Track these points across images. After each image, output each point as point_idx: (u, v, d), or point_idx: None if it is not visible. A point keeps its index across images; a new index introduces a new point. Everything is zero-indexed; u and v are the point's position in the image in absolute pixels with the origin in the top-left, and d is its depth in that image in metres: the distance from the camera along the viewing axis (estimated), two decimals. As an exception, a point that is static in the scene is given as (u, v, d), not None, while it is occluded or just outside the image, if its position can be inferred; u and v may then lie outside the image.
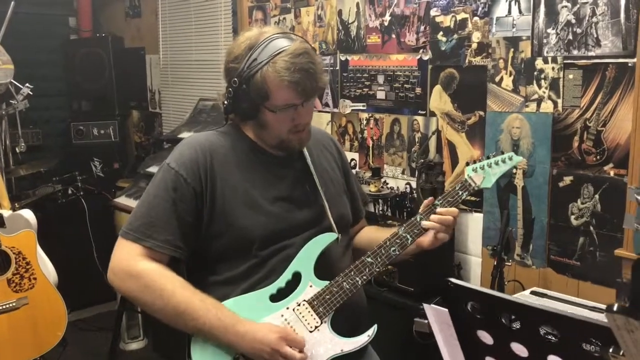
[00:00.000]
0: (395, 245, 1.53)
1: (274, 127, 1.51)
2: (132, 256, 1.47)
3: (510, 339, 0.76)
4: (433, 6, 2.68)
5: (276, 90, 1.44)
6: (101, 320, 4.16)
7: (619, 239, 2.18)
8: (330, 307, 1.51)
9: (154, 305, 1.45)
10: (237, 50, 1.49)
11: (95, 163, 4.51)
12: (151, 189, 1.53)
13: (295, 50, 1.44)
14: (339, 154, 1.79)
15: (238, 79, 1.46)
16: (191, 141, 1.56)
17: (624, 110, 2.13)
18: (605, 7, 2.13)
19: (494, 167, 1.62)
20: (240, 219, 1.50)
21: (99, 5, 4.89)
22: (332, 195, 1.66)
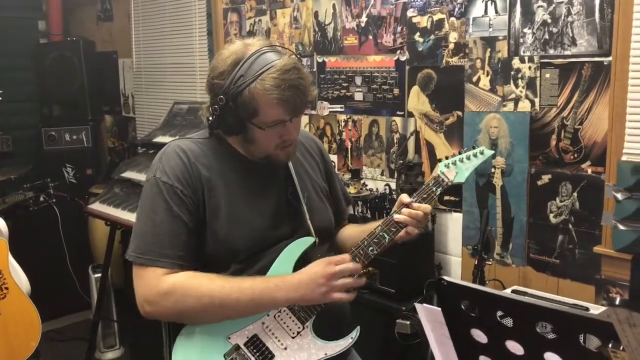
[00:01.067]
0: (373, 245, 1.51)
1: (261, 143, 1.49)
2: (154, 279, 1.43)
3: (505, 337, 0.74)
4: (410, 7, 2.68)
5: (265, 108, 1.41)
6: (75, 330, 4.06)
7: (598, 236, 2.20)
8: (311, 311, 1.49)
9: (202, 306, 1.42)
10: (222, 65, 1.44)
11: (68, 169, 4.41)
12: (149, 206, 1.47)
13: (284, 67, 1.41)
14: (321, 156, 1.78)
15: (224, 96, 1.41)
16: (174, 151, 1.50)
17: (600, 109, 2.15)
18: (580, 6, 2.15)
19: (465, 161, 1.62)
20: (225, 231, 1.48)
21: (69, 9, 4.80)
22: (314, 202, 1.64)
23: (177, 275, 1.44)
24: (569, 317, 0.64)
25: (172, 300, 1.42)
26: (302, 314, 1.49)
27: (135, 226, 1.50)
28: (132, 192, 3.27)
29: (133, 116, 4.47)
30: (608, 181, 2.14)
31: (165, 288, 1.43)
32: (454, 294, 0.75)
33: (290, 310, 1.49)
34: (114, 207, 3.24)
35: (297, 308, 1.49)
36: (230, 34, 3.60)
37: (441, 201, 2.67)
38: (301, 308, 1.49)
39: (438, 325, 0.79)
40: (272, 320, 1.49)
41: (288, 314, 1.49)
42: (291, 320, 1.49)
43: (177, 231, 1.45)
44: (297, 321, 1.49)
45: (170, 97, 3.88)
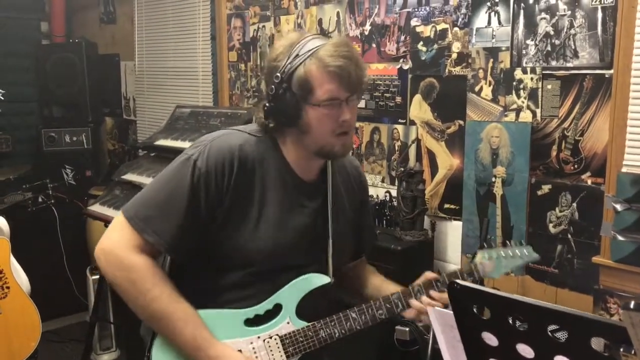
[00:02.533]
0: (382, 309, 1.49)
1: (317, 128, 1.43)
2: (129, 245, 1.42)
3: (517, 340, 0.76)
4: (413, 16, 2.71)
5: (320, 82, 1.39)
6: (72, 332, 4.06)
7: (596, 247, 2.23)
8: (299, 349, 1.48)
9: (135, 300, 1.42)
10: (278, 49, 1.44)
11: (67, 171, 4.42)
12: (170, 182, 1.44)
13: (337, 42, 1.42)
14: (360, 185, 1.72)
15: (280, 74, 1.40)
16: (224, 142, 1.46)
17: (601, 120, 2.18)
18: (582, 19, 2.18)
19: (508, 259, 1.54)
20: (246, 239, 1.45)
21: (73, 11, 4.82)
22: (340, 233, 1.59)
23: (145, 260, 1.42)
24: (582, 320, 0.66)
25: (121, 275, 1.42)
26: (290, 349, 1.48)
27: (149, 189, 1.47)
28: (132, 195, 3.25)
29: (134, 119, 4.48)
30: (608, 192, 2.17)
31: (127, 262, 1.41)
32: (466, 297, 0.77)
33: (281, 341, 1.48)
34: (114, 209, 3.24)
35: (288, 342, 1.48)
36: (234, 39, 3.62)
37: (441, 209, 2.69)
38: (292, 343, 1.48)
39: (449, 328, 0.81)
40: (261, 344, 1.47)
41: (277, 343, 1.48)
42: (278, 350, 1.48)
43: (183, 218, 1.42)
44: (284, 354, 1.48)
45: (172, 101, 3.89)
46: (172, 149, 3.24)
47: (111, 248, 1.44)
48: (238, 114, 3.17)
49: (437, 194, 2.70)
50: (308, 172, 1.54)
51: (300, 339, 1.48)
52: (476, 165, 2.55)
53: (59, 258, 4.10)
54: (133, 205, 1.46)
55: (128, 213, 1.44)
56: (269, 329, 1.48)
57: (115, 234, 1.45)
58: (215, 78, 3.75)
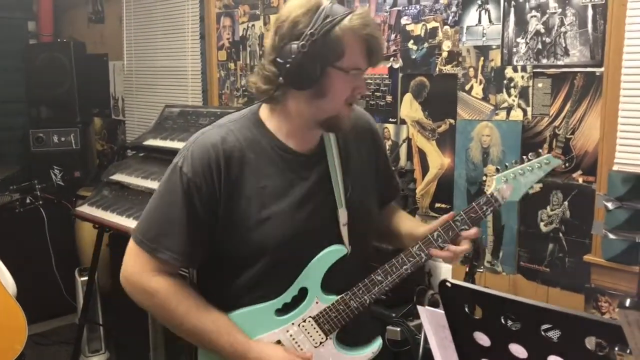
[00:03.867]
0: (407, 264, 1.46)
1: (335, 94, 1.39)
2: (146, 270, 1.44)
3: (509, 340, 0.74)
4: (404, 15, 2.70)
5: (353, 47, 1.37)
6: (60, 334, 4.02)
7: (588, 245, 2.22)
8: (336, 324, 1.48)
9: (167, 322, 1.48)
10: (299, 9, 1.36)
11: (55, 171, 4.37)
12: (164, 195, 1.45)
13: (366, 12, 1.42)
14: (372, 135, 1.66)
15: (310, 36, 1.33)
16: (205, 141, 1.44)
17: (592, 118, 2.17)
18: (573, 17, 2.18)
19: (527, 174, 1.44)
20: (253, 230, 1.43)
21: (60, 10, 4.77)
22: (358, 195, 1.54)
23: (165, 281, 1.44)
24: (576, 320, 0.64)
25: (147, 301, 1.46)
26: (326, 327, 1.48)
27: (149, 207, 1.47)
28: (121, 195, 3.24)
29: (123, 119, 4.44)
30: (599, 190, 2.16)
31: (148, 287, 1.44)
32: (458, 297, 0.75)
33: (315, 321, 1.48)
34: (103, 210, 3.21)
35: (322, 320, 1.48)
36: (223, 38, 3.59)
37: (432, 208, 2.68)
38: (326, 321, 1.48)
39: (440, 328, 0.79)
40: (297, 329, 1.48)
41: (313, 324, 1.48)
42: (315, 331, 1.48)
43: (187, 227, 1.42)
44: (322, 332, 1.49)
45: (161, 101, 3.86)
46: (161, 149, 3.21)
47: (132, 276, 1.47)
48: (228, 112, 3.13)
49: (428, 193, 2.69)
50: (306, 142, 1.49)
51: (333, 314, 1.47)
52: (467, 164, 2.54)
53: (47, 259, 4.06)
54: (139, 228, 1.47)
55: (137, 238, 1.46)
56: (300, 314, 1.48)
57: (130, 260, 1.48)
58: (205, 77, 3.72)
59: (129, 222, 2.99)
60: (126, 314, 3.43)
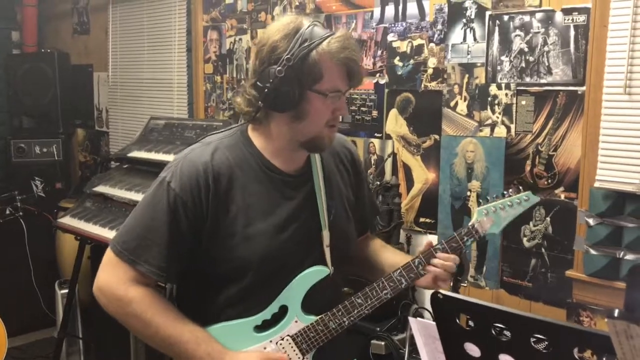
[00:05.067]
0: (388, 289, 1.47)
1: (315, 116, 1.42)
2: (123, 280, 1.43)
3: (499, 351, 0.75)
4: (390, 32, 2.74)
5: (331, 71, 1.39)
6: (38, 348, 3.95)
7: (569, 260, 2.25)
8: (313, 344, 1.48)
9: (142, 333, 1.46)
10: (280, 30, 1.38)
11: (37, 182, 4.33)
12: (149, 208, 1.44)
13: (346, 34, 1.41)
14: (353, 163, 1.68)
15: (288, 59, 1.35)
16: (195, 157, 1.45)
17: (574, 136, 2.21)
18: (556, 37, 2.23)
19: (507, 209, 1.48)
20: (237, 248, 1.44)
21: (45, 21, 4.75)
22: (339, 218, 1.57)
23: (141, 291, 1.43)
24: (566, 330, 0.65)
25: (122, 311, 1.44)
26: (304, 346, 1.48)
27: (131, 218, 1.47)
28: (104, 207, 3.21)
29: (106, 130, 4.42)
30: (580, 207, 2.20)
31: (124, 297, 1.43)
32: (450, 308, 0.76)
33: (293, 340, 1.48)
34: (85, 222, 3.18)
35: (300, 340, 1.48)
36: (210, 51, 3.60)
37: (417, 223, 2.70)
38: (304, 340, 1.48)
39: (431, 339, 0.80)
40: (274, 347, 1.48)
41: (290, 343, 1.48)
42: (292, 350, 1.48)
43: (168, 242, 1.42)
44: (299, 352, 1.48)
45: (146, 113, 3.85)
46: (145, 161, 3.20)
47: (107, 286, 1.45)
48: (213, 125, 3.15)
49: (413, 208, 2.71)
50: (291, 163, 1.51)
51: (311, 334, 1.48)
52: (451, 180, 2.56)
53: (26, 272, 4.00)
54: (119, 238, 1.46)
55: (116, 248, 1.45)
56: (279, 331, 1.48)
57: (107, 270, 1.46)
58: (191, 90, 3.72)
59: (111, 234, 2.96)
60: (106, 327, 3.39)
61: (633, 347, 0.58)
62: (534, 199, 1.51)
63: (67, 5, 4.62)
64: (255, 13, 3.31)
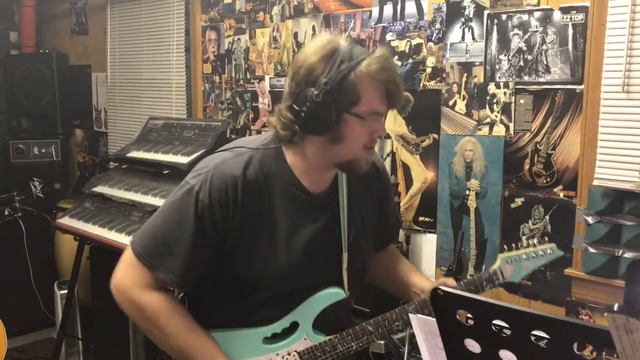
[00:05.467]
0: (400, 321, 1.47)
1: (352, 140, 1.38)
2: (139, 284, 1.43)
3: (500, 346, 0.76)
4: (389, 31, 2.74)
5: (369, 93, 1.34)
6: (38, 349, 3.94)
7: (569, 259, 2.25)
8: (317, 357, 1.48)
9: (155, 337, 1.46)
10: (315, 56, 1.35)
11: (35, 183, 4.32)
12: (175, 215, 1.42)
13: (384, 54, 1.37)
14: (379, 183, 1.64)
15: (326, 82, 1.32)
16: (227, 169, 1.41)
17: (573, 134, 2.22)
18: (554, 36, 2.23)
19: (530, 260, 1.49)
20: (259, 264, 1.43)
21: (43, 21, 4.75)
22: (358, 241, 1.55)
23: (156, 297, 1.43)
24: (566, 325, 0.66)
25: (136, 314, 1.45)
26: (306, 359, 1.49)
27: (155, 222, 1.44)
28: (103, 207, 3.21)
29: (105, 131, 4.42)
30: (579, 205, 2.20)
31: (138, 301, 1.43)
32: (450, 304, 0.76)
33: (299, 356, 1.48)
34: (84, 222, 3.18)
35: (306, 357, 1.47)
36: (208, 51, 3.61)
37: (416, 222, 2.70)
38: (309, 358, 1.47)
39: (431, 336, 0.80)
40: None
41: (296, 359, 1.48)
42: None
43: (191, 253, 1.40)
44: None
45: (145, 113, 3.85)
46: (144, 161, 3.20)
47: (124, 287, 1.45)
48: (212, 125, 3.15)
49: (412, 207, 2.71)
50: (319, 184, 1.49)
51: (318, 353, 1.48)
52: (450, 179, 2.57)
53: (25, 273, 3.99)
54: (140, 240, 1.44)
55: (136, 250, 1.43)
56: (287, 346, 1.48)
57: (125, 270, 1.46)
58: (189, 90, 3.72)
59: (111, 234, 2.96)
60: (106, 328, 3.39)
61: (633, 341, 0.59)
62: (557, 252, 1.52)
63: (66, 5, 4.62)
64: (254, 13, 3.31)
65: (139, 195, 3.03)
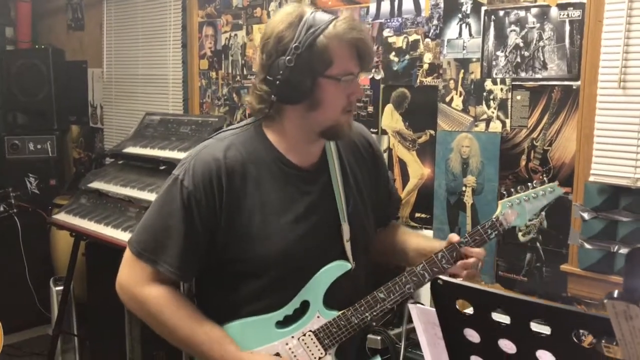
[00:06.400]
0: (410, 283, 1.45)
1: (330, 103, 1.38)
2: (140, 280, 1.44)
3: (499, 336, 0.76)
4: (386, 27, 2.74)
5: (340, 54, 1.35)
6: (33, 345, 3.93)
7: (564, 255, 2.26)
8: (336, 340, 1.47)
9: (161, 331, 1.46)
10: (282, 24, 1.36)
11: (31, 179, 4.31)
12: (163, 207, 1.43)
13: (350, 16, 1.39)
14: (372, 153, 1.64)
15: (297, 47, 1.32)
16: (207, 154, 1.42)
17: (569, 131, 2.22)
18: (551, 32, 2.24)
19: (532, 200, 1.46)
20: (255, 246, 1.42)
21: (39, 17, 4.73)
22: (357, 210, 1.54)
23: (158, 290, 1.43)
24: (565, 314, 0.66)
25: (139, 309, 1.46)
26: (326, 342, 1.47)
27: (147, 218, 1.46)
28: (99, 203, 3.20)
29: (101, 127, 4.41)
30: (575, 201, 2.21)
31: (140, 296, 1.43)
32: (449, 294, 0.77)
33: (315, 335, 1.46)
34: (80, 218, 3.17)
35: (322, 335, 1.46)
36: (205, 47, 3.60)
37: (412, 218, 2.71)
38: (326, 335, 1.46)
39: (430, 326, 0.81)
40: (296, 343, 1.47)
41: (312, 339, 1.47)
42: (315, 345, 1.47)
43: (184, 241, 1.41)
44: (321, 347, 1.47)
45: (141, 109, 3.84)
46: (141, 157, 3.19)
47: (126, 284, 1.46)
48: (209, 121, 3.15)
49: (409, 203, 2.71)
50: (307, 157, 1.48)
51: (333, 329, 1.46)
52: (447, 175, 2.57)
53: (20, 269, 3.98)
54: (136, 237, 1.46)
55: (134, 248, 1.44)
56: (301, 327, 1.47)
57: (126, 269, 1.47)
58: (186, 86, 3.72)
59: (107, 230, 2.96)
60: (101, 324, 3.39)
61: (632, 328, 0.59)
62: (558, 190, 1.50)
63: (62, 1, 4.61)
64: (251, 9, 3.31)
65: (136, 191, 3.02)
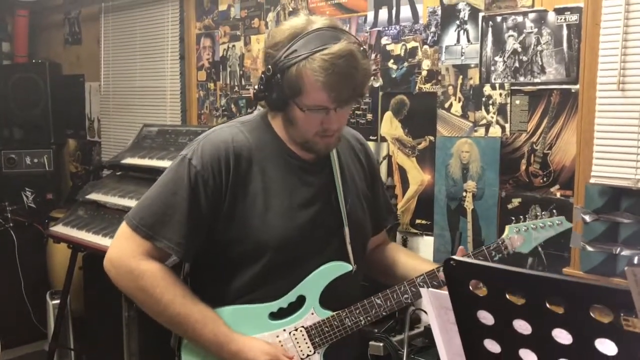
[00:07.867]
0: (408, 294, 1.45)
1: (301, 126, 1.41)
2: (136, 253, 1.42)
3: (514, 317, 0.75)
4: (384, 35, 2.76)
5: (309, 89, 1.33)
6: (29, 361, 3.88)
7: (566, 258, 2.26)
8: (326, 339, 1.46)
9: (151, 309, 1.44)
10: (279, 36, 1.37)
11: (27, 193, 4.29)
12: (169, 184, 1.44)
13: (338, 51, 1.30)
14: (368, 159, 1.66)
15: (273, 67, 1.35)
16: (217, 137, 1.45)
17: (569, 134, 2.23)
18: (549, 36, 2.26)
19: (539, 230, 1.49)
20: (257, 230, 1.43)
21: (36, 31, 4.74)
22: (355, 210, 1.55)
23: (154, 265, 1.42)
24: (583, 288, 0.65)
25: (133, 284, 1.43)
26: (317, 340, 1.46)
27: (150, 194, 1.45)
28: (97, 215, 3.19)
29: (98, 140, 4.40)
30: (576, 204, 2.21)
31: (136, 270, 1.41)
32: (463, 275, 0.76)
33: (307, 332, 1.46)
34: (78, 229, 3.15)
35: (313, 333, 1.46)
36: (203, 58, 3.61)
37: (413, 225, 2.70)
38: (318, 334, 1.46)
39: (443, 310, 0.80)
40: (287, 336, 1.46)
41: (304, 335, 1.46)
42: (305, 342, 1.46)
43: (188, 219, 1.41)
44: (311, 345, 1.46)
45: (139, 121, 3.84)
46: (139, 168, 3.18)
47: (118, 258, 1.44)
48: (208, 131, 3.14)
49: (409, 210, 2.71)
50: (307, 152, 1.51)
51: (326, 329, 1.46)
52: (447, 180, 2.57)
53: (16, 284, 3.95)
54: (136, 213, 1.44)
55: (132, 223, 1.43)
56: (294, 321, 1.46)
57: (120, 243, 1.45)
58: (184, 97, 3.72)
59: (105, 241, 2.94)
60: (99, 338, 3.35)
61: (652, 298, 0.58)
62: (566, 224, 1.52)
63: (59, 15, 4.62)
64: (249, 20, 3.33)
65: (134, 202, 2.99)
